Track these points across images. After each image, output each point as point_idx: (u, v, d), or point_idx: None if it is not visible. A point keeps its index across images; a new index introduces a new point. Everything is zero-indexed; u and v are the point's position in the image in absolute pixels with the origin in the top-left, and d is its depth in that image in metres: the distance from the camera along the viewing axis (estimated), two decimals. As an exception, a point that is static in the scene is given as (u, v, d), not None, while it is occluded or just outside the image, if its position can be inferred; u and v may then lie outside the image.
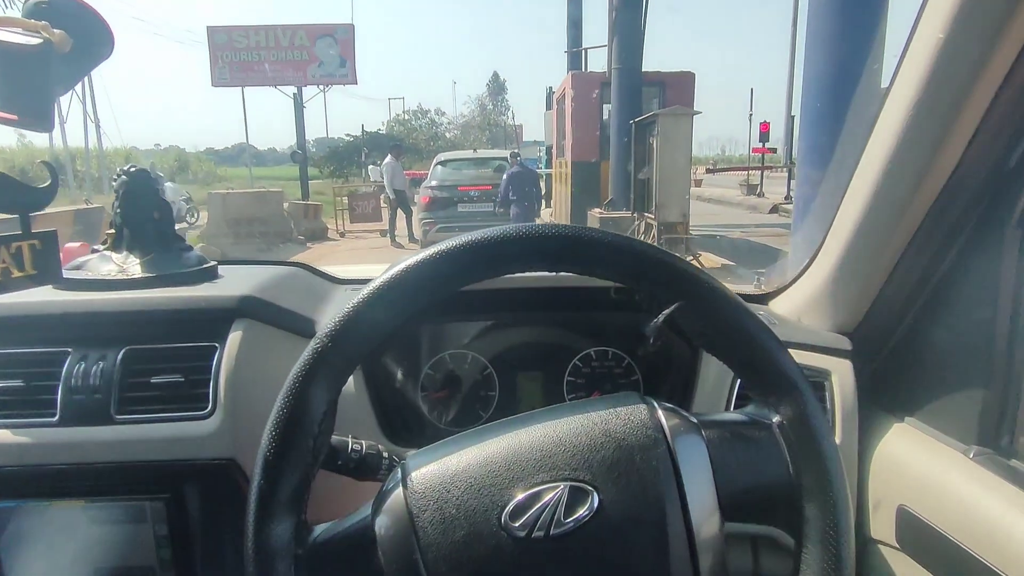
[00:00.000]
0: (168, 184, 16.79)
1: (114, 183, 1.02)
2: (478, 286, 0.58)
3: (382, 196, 13.21)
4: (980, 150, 0.75)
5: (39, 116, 0.75)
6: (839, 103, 3.76)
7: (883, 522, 0.85)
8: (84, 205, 11.06)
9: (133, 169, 1.02)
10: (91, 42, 0.80)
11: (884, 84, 0.82)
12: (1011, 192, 0.76)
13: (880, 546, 0.86)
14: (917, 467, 0.83)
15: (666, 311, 0.55)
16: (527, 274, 0.94)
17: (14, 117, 0.74)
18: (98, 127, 23.54)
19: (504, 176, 9.26)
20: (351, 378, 0.93)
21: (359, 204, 14.06)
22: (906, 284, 0.89)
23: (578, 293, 1.06)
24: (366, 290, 0.54)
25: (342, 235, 13.84)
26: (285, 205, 13.50)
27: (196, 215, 16.04)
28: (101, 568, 0.90)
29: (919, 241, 0.84)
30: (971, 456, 0.78)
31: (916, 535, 0.80)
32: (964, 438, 0.80)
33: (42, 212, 0.81)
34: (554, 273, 0.56)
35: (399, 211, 12.03)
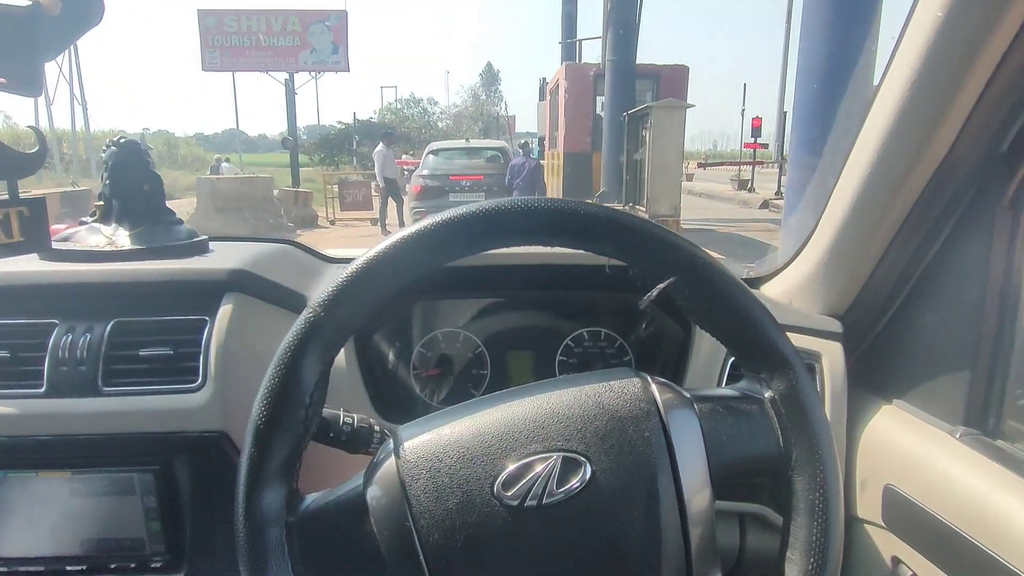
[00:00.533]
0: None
1: (103, 154, 1.00)
2: (472, 263, 0.58)
3: (373, 184, 13.14)
4: (971, 135, 0.76)
5: (27, 80, 0.74)
6: (832, 99, 3.77)
7: (870, 501, 0.86)
8: (71, 187, 10.94)
9: (123, 140, 1.00)
10: (81, 7, 0.79)
11: (877, 79, 0.82)
12: (1001, 177, 0.76)
13: (866, 525, 0.87)
14: (904, 447, 0.84)
15: (661, 285, 0.55)
16: (521, 251, 0.94)
17: (2, 80, 0.73)
18: (85, 109, 23.21)
19: (509, 165, 9.75)
20: (343, 354, 0.93)
21: (349, 192, 13.98)
22: (896, 267, 0.89)
23: (571, 272, 1.06)
24: (359, 260, 0.54)
25: (332, 223, 13.78)
26: (275, 192, 13.40)
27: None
28: (89, 540, 0.89)
29: (910, 224, 0.85)
30: (957, 436, 0.78)
31: (902, 513, 0.81)
32: (951, 419, 0.82)
33: (27, 193, 0.80)
34: (550, 249, 0.56)
35: (390, 200, 11.98)
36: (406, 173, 12.89)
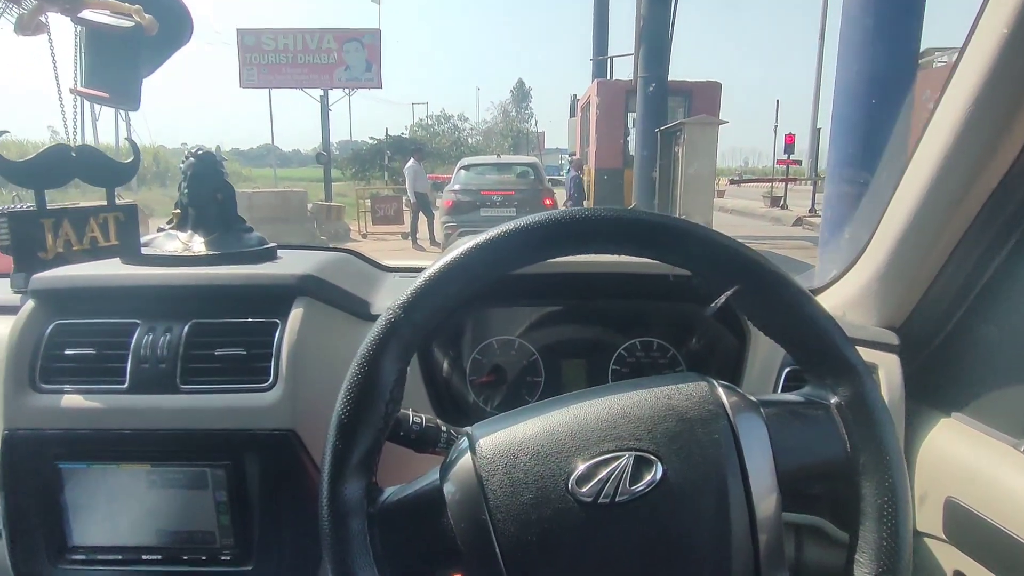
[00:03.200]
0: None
1: (182, 165, 1.06)
2: (527, 271, 0.60)
3: (404, 199, 13.32)
4: None
5: (127, 95, 0.79)
6: (872, 114, 3.73)
7: (929, 515, 0.86)
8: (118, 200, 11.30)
9: (200, 152, 1.06)
10: (174, 27, 0.84)
11: (917, 94, 0.83)
12: None
13: (926, 538, 0.87)
14: (965, 460, 0.83)
15: (727, 292, 0.57)
16: (575, 260, 0.96)
17: (105, 95, 0.78)
18: (128, 125, 23.91)
19: (569, 178, 11.40)
20: None
21: (381, 206, 14.18)
22: (956, 280, 0.89)
23: (624, 282, 1.08)
24: (436, 266, 0.57)
25: (364, 236, 13.97)
26: (308, 206, 13.67)
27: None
28: (164, 531, 0.93)
29: (971, 236, 0.85)
30: (1021, 449, 0.78)
31: (965, 526, 0.80)
32: (1013, 432, 0.81)
33: (75, 205, 0.85)
34: (602, 257, 0.58)
35: (420, 214, 12.13)
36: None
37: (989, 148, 0.77)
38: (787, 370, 0.95)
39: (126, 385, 0.91)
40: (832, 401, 0.57)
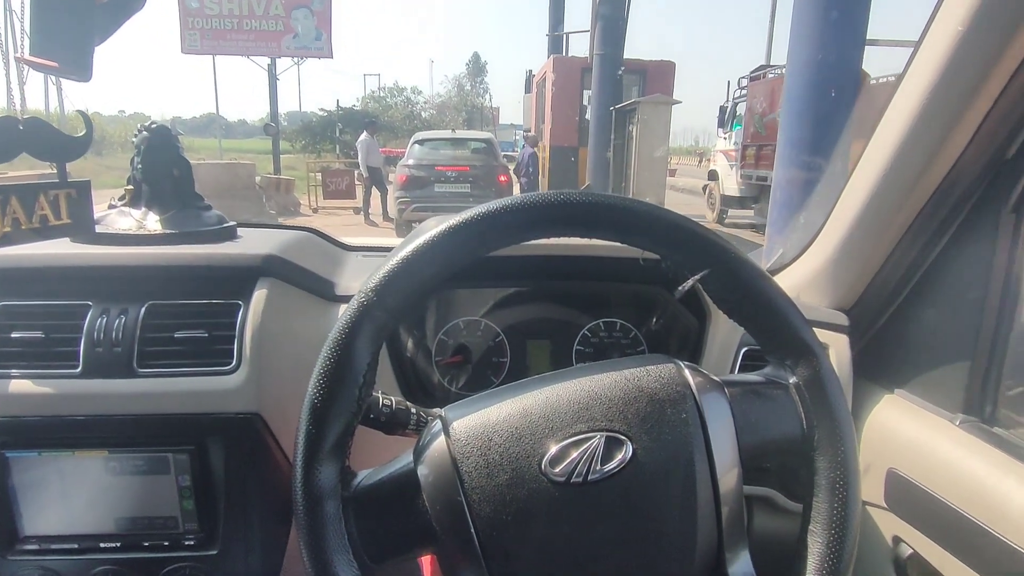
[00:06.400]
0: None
1: (134, 139, 1.01)
2: (493, 252, 0.61)
3: (356, 173, 13.04)
4: (982, 140, 0.80)
5: (79, 65, 0.75)
6: (821, 99, 3.84)
7: (872, 484, 0.92)
8: (49, 170, 10.69)
9: (154, 125, 1.01)
10: (128, -7, 0.80)
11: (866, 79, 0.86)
12: (1006, 182, 0.81)
13: (869, 507, 0.93)
14: (906, 434, 0.89)
15: (695, 276, 0.59)
16: (540, 242, 0.98)
17: (55, 64, 0.74)
18: (60, 90, 22.54)
19: (526, 154, 11.39)
20: None
21: (333, 180, 13.84)
22: (903, 264, 0.94)
23: (587, 264, 1.10)
24: (409, 248, 0.56)
25: (315, 211, 13.66)
26: (257, 179, 13.23)
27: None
28: (124, 518, 0.91)
29: (918, 224, 0.90)
30: (957, 424, 0.84)
31: (904, 495, 0.86)
32: (950, 408, 0.87)
33: (3, 175, 0.81)
34: (567, 240, 0.59)
35: (373, 189, 11.91)
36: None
37: (937, 145, 0.81)
38: (744, 349, 0.99)
39: (79, 369, 0.88)
40: (791, 381, 0.60)
